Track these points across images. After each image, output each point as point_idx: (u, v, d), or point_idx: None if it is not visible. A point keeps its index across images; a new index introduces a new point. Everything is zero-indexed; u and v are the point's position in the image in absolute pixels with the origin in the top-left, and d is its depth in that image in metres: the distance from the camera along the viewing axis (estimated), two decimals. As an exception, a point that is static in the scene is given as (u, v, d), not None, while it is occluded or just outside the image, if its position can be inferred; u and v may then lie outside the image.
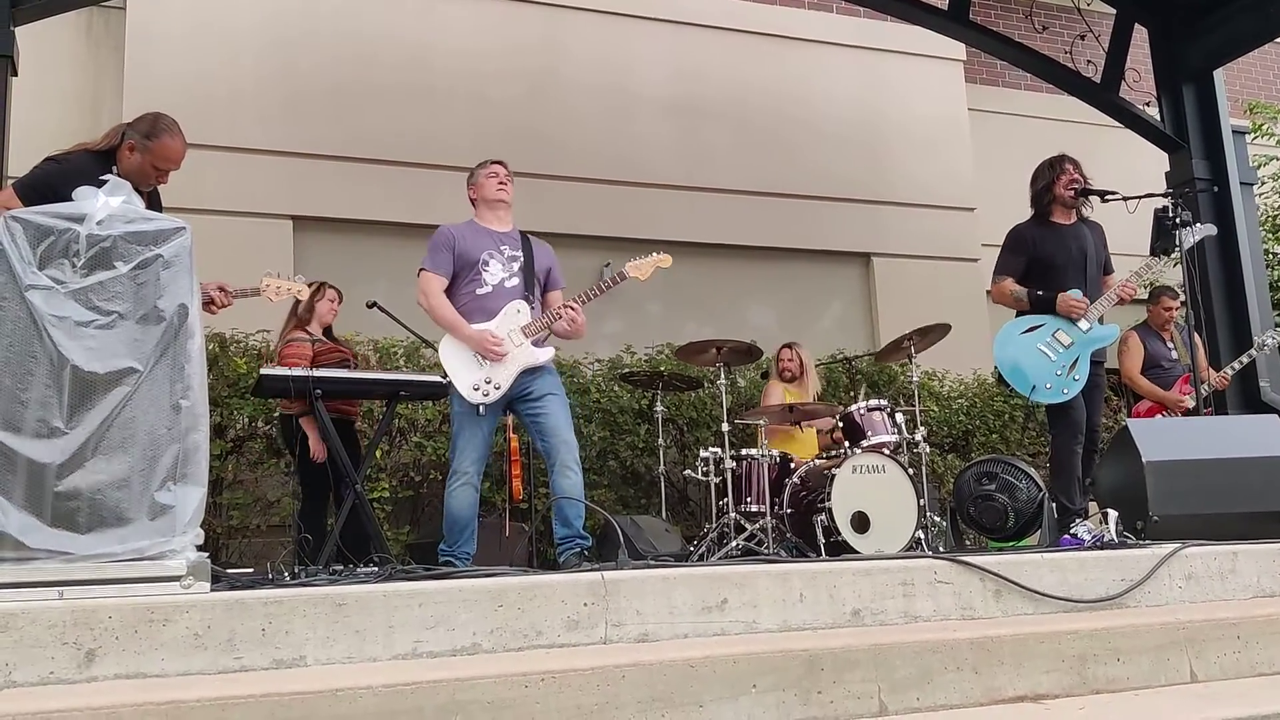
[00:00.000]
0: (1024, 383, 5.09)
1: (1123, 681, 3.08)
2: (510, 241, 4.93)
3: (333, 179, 8.07)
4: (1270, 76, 12.50)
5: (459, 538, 4.67)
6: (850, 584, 3.34)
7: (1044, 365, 5.09)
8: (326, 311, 6.05)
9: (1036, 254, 5.30)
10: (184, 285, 3.08)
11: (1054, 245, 5.30)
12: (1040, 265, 5.29)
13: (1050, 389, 5.07)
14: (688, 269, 6.71)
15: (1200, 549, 3.87)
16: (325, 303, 6.04)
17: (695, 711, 2.63)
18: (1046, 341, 5.13)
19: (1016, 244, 5.40)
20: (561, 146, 8.56)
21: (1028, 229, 5.42)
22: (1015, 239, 5.42)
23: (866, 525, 5.60)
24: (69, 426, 2.89)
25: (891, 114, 10.05)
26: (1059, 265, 5.25)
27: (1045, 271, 5.27)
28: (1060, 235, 5.33)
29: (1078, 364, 5.10)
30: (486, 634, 2.92)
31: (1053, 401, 5.13)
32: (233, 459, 6.45)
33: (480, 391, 4.67)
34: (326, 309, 6.05)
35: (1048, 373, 5.07)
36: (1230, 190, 7.81)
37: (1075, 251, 5.30)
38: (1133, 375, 6.92)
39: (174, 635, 2.64)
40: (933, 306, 8.89)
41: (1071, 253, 5.29)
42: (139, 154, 4.04)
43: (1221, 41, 7.97)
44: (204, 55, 7.88)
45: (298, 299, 5.73)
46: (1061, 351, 5.10)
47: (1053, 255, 5.27)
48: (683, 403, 7.49)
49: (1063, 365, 5.09)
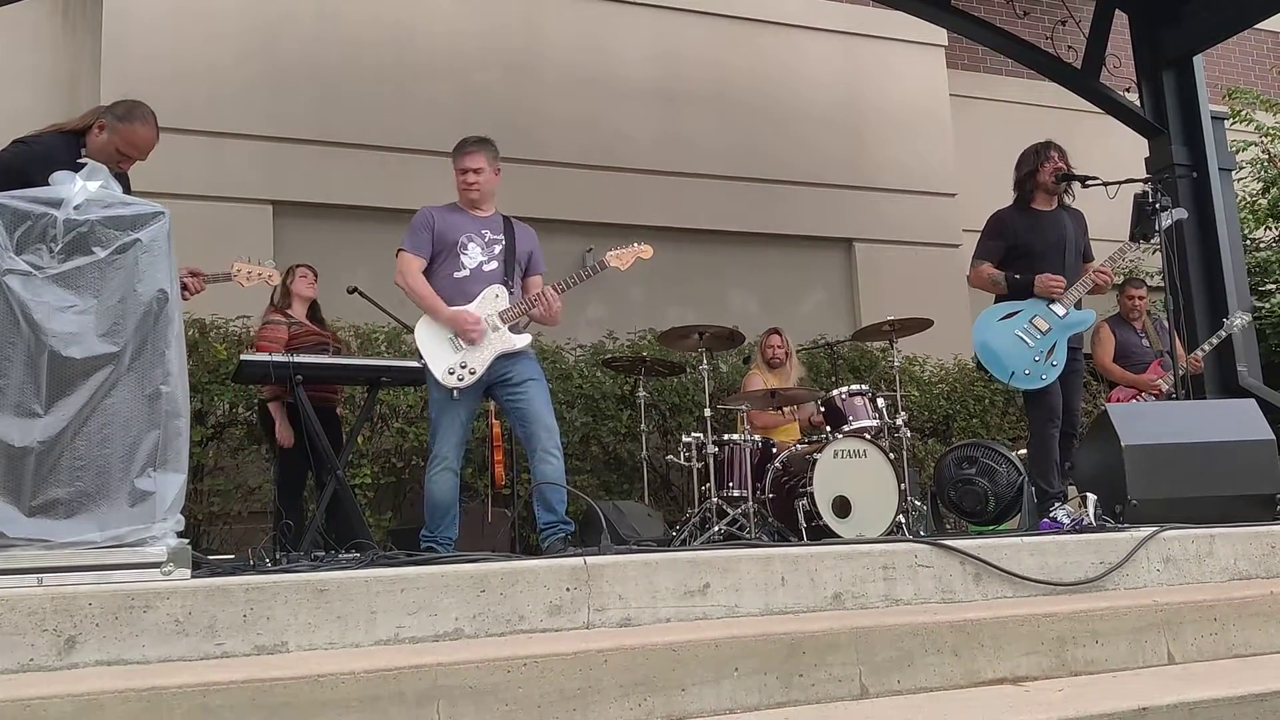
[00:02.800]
0: (1002, 369, 5.11)
1: (1101, 663, 3.11)
2: (492, 225, 4.89)
3: (312, 163, 8.01)
4: (1249, 62, 12.55)
5: (440, 523, 4.66)
6: (832, 568, 3.36)
7: (1021, 351, 5.11)
8: (305, 289, 5.98)
9: (1016, 240, 5.31)
10: (163, 270, 3.06)
11: (1034, 232, 5.31)
12: (1020, 251, 5.30)
13: (1029, 374, 5.09)
14: (669, 254, 6.71)
15: (1178, 532, 3.90)
16: (299, 280, 5.97)
17: (677, 695, 2.65)
18: (1024, 328, 5.14)
19: (997, 229, 5.40)
20: (542, 131, 8.52)
21: (1008, 215, 5.43)
22: (996, 224, 5.42)
23: (848, 510, 5.62)
24: (47, 412, 2.86)
25: (873, 99, 10.05)
26: (1038, 252, 5.26)
27: (1024, 257, 5.28)
28: (1041, 221, 5.35)
29: (1055, 349, 5.12)
30: (469, 619, 2.93)
31: (1031, 387, 5.15)
32: (213, 445, 6.42)
33: (455, 376, 4.64)
34: (304, 286, 5.98)
35: (1025, 358, 5.09)
36: (1209, 176, 7.86)
37: (1055, 238, 5.31)
38: (1106, 364, 6.99)
39: (155, 622, 2.63)
40: (914, 292, 8.94)
41: (1051, 239, 5.30)
42: (106, 133, 3.98)
43: (1201, 27, 8.01)
44: (182, 38, 7.81)
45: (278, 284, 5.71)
46: (1039, 337, 5.12)
47: (1032, 242, 5.29)
48: (665, 388, 7.50)
49: (1040, 351, 5.10)
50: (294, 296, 5.96)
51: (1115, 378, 6.97)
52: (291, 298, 5.95)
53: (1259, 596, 3.45)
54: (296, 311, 5.94)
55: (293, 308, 5.94)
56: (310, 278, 6.04)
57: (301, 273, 6.03)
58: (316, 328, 5.98)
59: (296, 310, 5.95)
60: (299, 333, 5.79)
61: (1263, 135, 10.79)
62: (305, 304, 6.02)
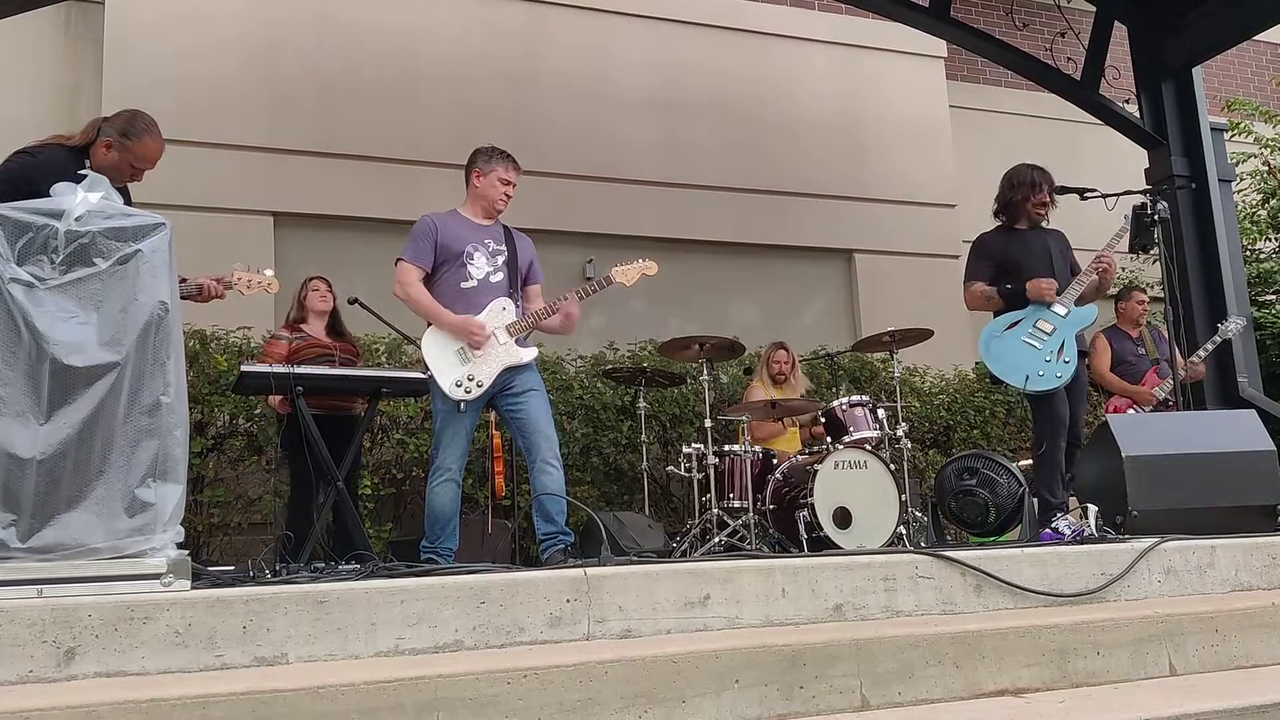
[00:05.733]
0: (1017, 376, 5.09)
1: (1102, 675, 3.10)
2: (494, 235, 4.89)
3: (313, 174, 8.03)
4: (1249, 74, 12.58)
5: (441, 534, 4.65)
6: (832, 579, 3.36)
7: (1031, 355, 5.10)
8: (317, 302, 5.93)
9: (1004, 257, 5.38)
10: (163, 282, 3.06)
11: (1019, 248, 5.38)
12: (1008, 267, 5.35)
13: (1043, 376, 5.08)
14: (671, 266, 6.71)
15: (1179, 543, 3.90)
16: (311, 294, 5.94)
17: (678, 707, 2.64)
18: (1029, 332, 5.14)
19: (983, 251, 5.48)
20: (543, 142, 8.53)
21: (990, 237, 5.51)
22: (981, 247, 5.51)
23: (848, 520, 5.62)
24: (48, 421, 2.86)
25: (873, 110, 10.07)
26: (1026, 266, 5.30)
27: (1013, 272, 5.32)
28: (1024, 239, 5.42)
29: (1064, 347, 5.11)
30: (469, 631, 2.92)
31: (1048, 388, 5.12)
32: (213, 456, 6.41)
33: (462, 389, 4.63)
34: (316, 300, 5.93)
35: (1036, 361, 5.08)
36: (1209, 187, 7.87)
37: (1038, 249, 5.37)
38: (1102, 373, 7.00)
39: (155, 633, 2.62)
40: (914, 303, 8.93)
41: (1035, 251, 5.37)
42: (116, 151, 4.01)
43: (1201, 39, 8.03)
44: (184, 49, 7.83)
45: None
46: (1046, 339, 5.11)
47: (1019, 258, 5.34)
48: (666, 399, 7.49)
49: (1050, 351, 5.10)
50: (308, 311, 5.93)
51: (1112, 387, 6.98)
52: (306, 312, 5.93)
53: (1260, 608, 3.44)
54: (313, 326, 5.89)
55: (308, 322, 5.90)
56: (323, 290, 5.97)
57: (314, 286, 5.97)
58: (331, 340, 5.88)
59: (313, 325, 5.90)
60: (300, 346, 5.75)
61: (1262, 147, 10.80)
62: (322, 317, 5.95)
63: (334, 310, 6.02)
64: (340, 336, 5.99)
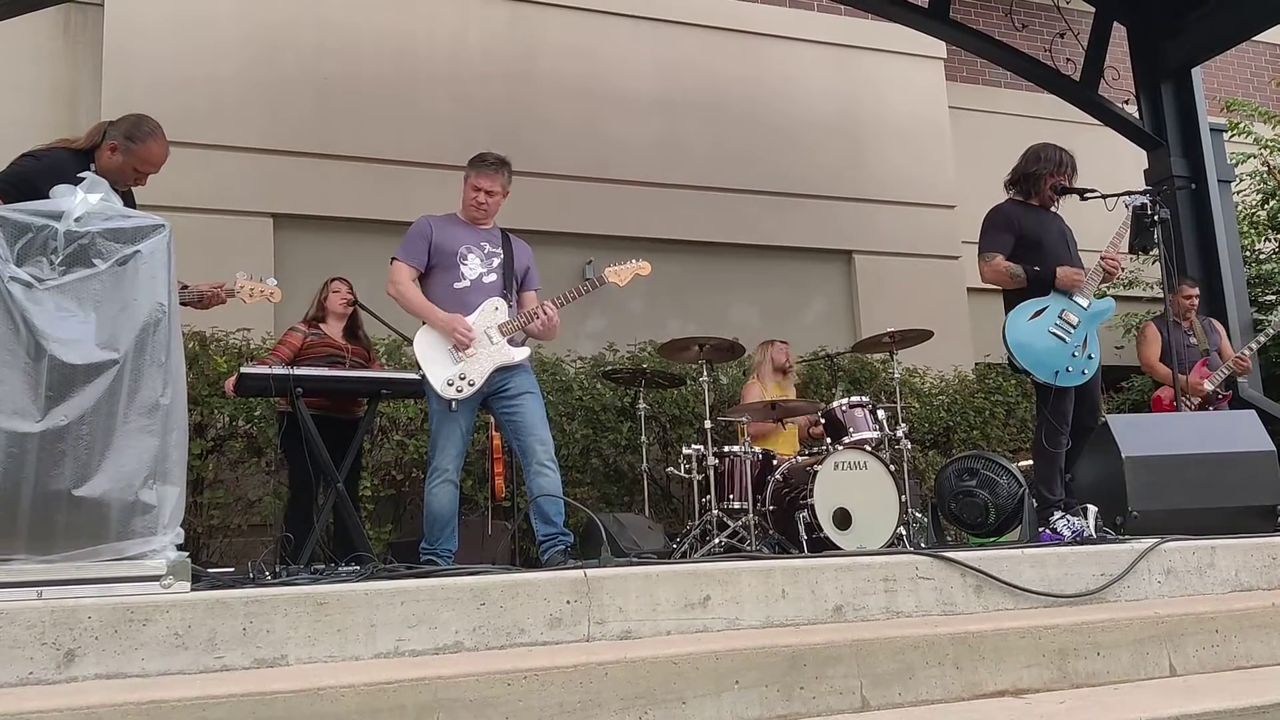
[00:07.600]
0: (1046, 369, 5.02)
1: (1103, 675, 3.10)
2: (490, 238, 4.91)
3: (313, 176, 8.03)
4: (1248, 74, 12.59)
5: (440, 535, 4.65)
6: (832, 580, 3.35)
7: (1060, 349, 5.05)
8: (336, 304, 5.91)
9: (1023, 231, 5.25)
10: (162, 283, 3.06)
11: (1038, 224, 5.27)
12: (1028, 242, 5.21)
13: (1070, 372, 5.03)
14: (669, 267, 6.73)
15: (1179, 544, 3.89)
16: (331, 295, 5.92)
17: (678, 708, 2.64)
18: (1056, 324, 5.06)
19: (1003, 221, 5.31)
20: (541, 143, 8.54)
21: (1010, 208, 5.36)
22: (1001, 217, 5.33)
23: (848, 521, 5.62)
24: (45, 418, 2.86)
25: (872, 111, 10.07)
26: (1046, 243, 5.21)
27: (1033, 248, 5.20)
28: (1041, 216, 5.33)
29: (1088, 341, 5.09)
30: (469, 632, 2.92)
31: (1076, 384, 5.07)
32: (213, 458, 6.41)
33: (454, 387, 4.64)
34: (335, 301, 5.91)
35: (1065, 356, 5.04)
36: (1208, 187, 7.88)
37: (1055, 231, 5.30)
38: (1152, 363, 6.96)
39: (154, 635, 2.62)
40: (914, 303, 8.94)
41: (1053, 232, 5.29)
42: (121, 155, 4.02)
43: (1200, 40, 8.04)
44: (183, 51, 7.83)
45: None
46: (1072, 332, 5.06)
47: (1039, 234, 5.23)
48: (665, 400, 7.49)
49: (1076, 345, 5.06)
50: (327, 311, 5.91)
51: (1160, 377, 6.93)
52: (325, 312, 5.92)
53: (1260, 608, 3.43)
54: (331, 327, 5.88)
55: (326, 322, 5.89)
56: (343, 291, 5.94)
57: (334, 287, 5.96)
58: (344, 343, 5.87)
59: (331, 325, 5.89)
60: (312, 343, 5.75)
61: (1262, 147, 10.80)
62: (341, 319, 5.94)
63: (354, 314, 6.00)
64: (356, 340, 5.98)
